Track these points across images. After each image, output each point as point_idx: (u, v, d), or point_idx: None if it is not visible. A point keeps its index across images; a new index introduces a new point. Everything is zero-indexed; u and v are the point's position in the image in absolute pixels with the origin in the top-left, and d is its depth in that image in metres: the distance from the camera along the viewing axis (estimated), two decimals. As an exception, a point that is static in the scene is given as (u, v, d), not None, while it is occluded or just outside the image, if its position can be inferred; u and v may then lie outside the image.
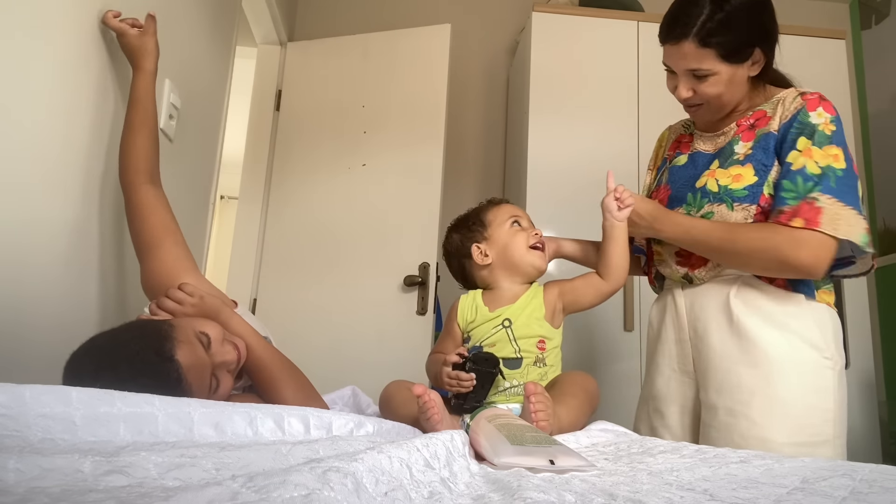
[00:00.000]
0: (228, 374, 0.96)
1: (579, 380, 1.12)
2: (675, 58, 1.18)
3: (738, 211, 1.15)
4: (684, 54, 1.16)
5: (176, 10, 1.50)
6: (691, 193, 1.22)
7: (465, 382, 1.04)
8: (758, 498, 0.55)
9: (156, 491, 0.43)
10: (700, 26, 1.13)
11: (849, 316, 2.29)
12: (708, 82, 1.16)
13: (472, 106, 2.89)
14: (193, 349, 0.87)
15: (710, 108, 1.21)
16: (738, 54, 1.15)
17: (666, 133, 1.46)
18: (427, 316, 2.32)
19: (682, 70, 1.18)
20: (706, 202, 1.19)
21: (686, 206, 1.22)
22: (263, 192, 2.57)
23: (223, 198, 4.64)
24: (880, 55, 2.85)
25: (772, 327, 1.13)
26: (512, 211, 1.30)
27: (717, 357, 1.17)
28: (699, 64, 1.15)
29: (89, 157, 1.18)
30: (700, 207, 1.19)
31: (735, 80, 1.18)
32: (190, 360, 0.85)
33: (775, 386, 1.10)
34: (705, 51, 1.14)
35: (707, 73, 1.15)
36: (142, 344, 0.83)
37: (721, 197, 1.17)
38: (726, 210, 1.16)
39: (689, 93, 1.19)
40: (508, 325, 1.18)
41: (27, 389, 0.56)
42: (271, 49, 2.70)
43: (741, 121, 1.23)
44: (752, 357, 1.13)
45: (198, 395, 0.86)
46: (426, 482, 0.57)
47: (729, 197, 1.16)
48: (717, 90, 1.17)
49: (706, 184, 1.20)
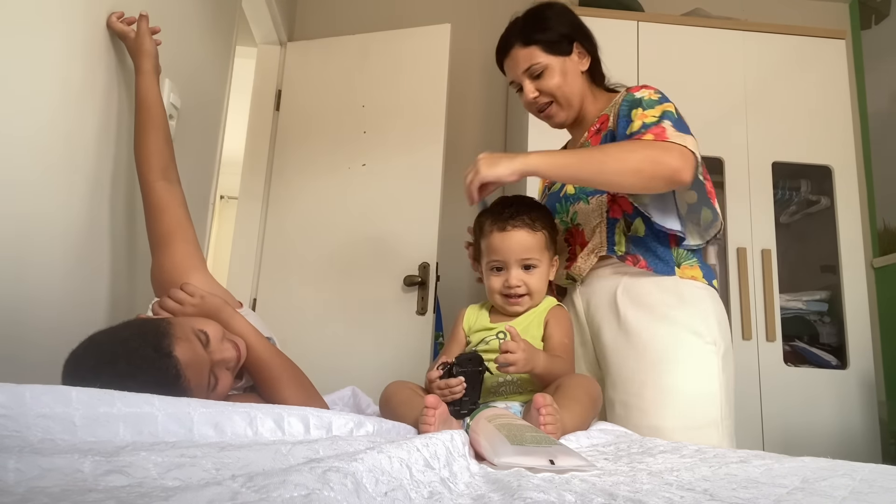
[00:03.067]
0: (227, 372, 0.96)
1: (583, 384, 1.12)
2: (511, 68, 1.34)
3: (592, 203, 1.29)
4: (516, 59, 1.32)
5: (176, 11, 1.50)
6: (559, 203, 1.36)
7: (456, 388, 1.04)
8: (758, 498, 0.55)
9: (156, 491, 0.43)
10: (519, 32, 1.32)
11: (848, 316, 2.29)
12: (545, 77, 1.31)
13: (472, 106, 2.89)
14: (192, 346, 0.88)
15: (559, 103, 1.33)
16: (560, 46, 1.31)
17: None
18: (427, 316, 2.32)
19: (520, 74, 1.33)
20: (569, 205, 1.33)
21: (558, 216, 1.35)
22: (263, 192, 2.57)
23: (223, 198, 4.64)
24: (880, 55, 2.85)
25: (655, 320, 1.21)
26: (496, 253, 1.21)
27: (611, 353, 1.24)
28: (529, 61, 1.31)
29: (98, 155, 1.18)
30: (567, 211, 1.34)
31: (567, 71, 1.32)
32: (188, 356, 0.85)
33: (662, 375, 1.18)
34: (530, 48, 1.31)
35: (540, 67, 1.30)
36: (140, 341, 0.83)
37: (577, 196, 1.32)
38: (584, 205, 1.30)
39: (535, 92, 1.32)
40: (503, 338, 1.19)
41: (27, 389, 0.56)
42: (271, 49, 2.69)
43: (590, 128, 1.36)
44: (639, 351, 1.20)
45: (196, 392, 0.86)
46: (426, 482, 0.57)
47: (584, 194, 1.31)
48: (555, 81, 1.31)
49: (565, 191, 1.35)
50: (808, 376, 2.24)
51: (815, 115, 2.42)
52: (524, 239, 1.19)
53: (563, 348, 1.17)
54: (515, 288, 1.19)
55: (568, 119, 1.36)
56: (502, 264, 1.21)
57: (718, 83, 2.38)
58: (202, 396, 0.88)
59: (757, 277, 2.27)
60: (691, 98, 2.38)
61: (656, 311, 1.21)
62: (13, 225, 0.98)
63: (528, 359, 1.04)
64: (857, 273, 2.33)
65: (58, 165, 1.09)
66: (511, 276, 1.19)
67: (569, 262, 1.34)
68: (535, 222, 1.21)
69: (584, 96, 1.35)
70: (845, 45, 2.50)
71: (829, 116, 2.42)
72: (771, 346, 2.23)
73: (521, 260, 1.19)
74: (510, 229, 1.19)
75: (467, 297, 2.60)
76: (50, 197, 1.07)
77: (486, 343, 1.20)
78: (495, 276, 1.22)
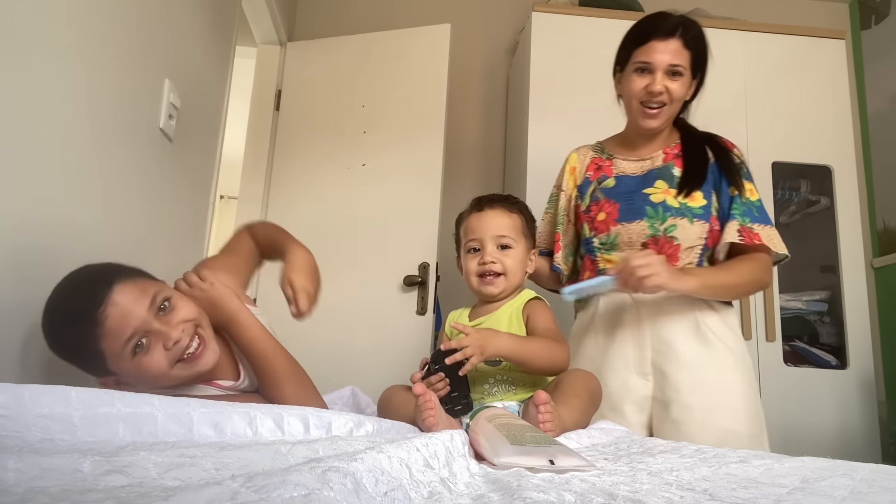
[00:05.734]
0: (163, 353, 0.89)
1: (583, 379, 1.12)
2: (660, 52, 1.32)
3: (696, 225, 1.34)
4: (670, 49, 1.32)
5: (176, 10, 1.50)
6: (650, 208, 1.36)
7: (438, 384, 1.04)
8: (758, 498, 0.55)
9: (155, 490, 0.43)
10: (684, 30, 1.33)
11: (848, 316, 2.29)
12: (679, 82, 1.33)
13: (472, 106, 2.89)
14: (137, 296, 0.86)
15: (670, 111, 1.36)
16: (697, 68, 1.37)
17: (575, 156, 1.54)
18: (427, 316, 2.32)
19: (664, 65, 1.32)
20: (669, 216, 1.34)
21: (648, 219, 1.35)
22: (263, 192, 2.57)
23: (223, 198, 4.63)
24: (880, 55, 2.85)
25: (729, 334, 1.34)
26: (473, 232, 1.23)
27: (689, 361, 1.31)
28: (679, 60, 1.32)
29: (99, 155, 1.18)
30: (664, 220, 1.34)
31: (687, 90, 1.37)
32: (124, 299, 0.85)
33: (736, 385, 1.30)
34: (686, 52, 1.33)
35: (682, 70, 1.33)
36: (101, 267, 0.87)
37: (682, 212, 1.34)
38: (688, 223, 1.33)
39: (664, 88, 1.32)
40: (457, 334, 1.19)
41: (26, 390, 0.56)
42: (271, 49, 2.69)
43: (667, 149, 1.42)
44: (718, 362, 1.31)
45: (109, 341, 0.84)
46: (426, 482, 0.57)
47: (689, 213, 1.34)
48: (682, 92, 1.35)
49: (665, 200, 1.35)
50: (808, 376, 2.24)
51: (815, 115, 2.42)
52: (500, 217, 1.22)
53: (550, 332, 1.17)
54: (490, 265, 1.20)
55: (660, 127, 1.39)
56: (478, 244, 1.22)
57: (718, 83, 2.36)
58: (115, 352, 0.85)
59: (757, 277, 2.27)
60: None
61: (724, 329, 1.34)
62: (14, 226, 0.98)
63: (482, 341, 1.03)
64: (856, 273, 2.33)
65: (58, 165, 1.09)
66: (486, 253, 1.21)
67: None
68: (512, 206, 1.25)
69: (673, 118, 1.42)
70: (845, 45, 2.50)
71: (829, 116, 2.42)
72: (771, 346, 2.23)
73: (497, 237, 1.21)
74: (487, 209, 1.23)
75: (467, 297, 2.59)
76: (50, 197, 1.07)
77: None
78: (472, 257, 1.23)
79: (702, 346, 1.31)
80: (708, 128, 1.49)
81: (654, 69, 1.32)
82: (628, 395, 1.33)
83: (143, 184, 1.40)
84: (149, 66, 1.39)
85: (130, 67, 1.30)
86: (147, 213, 1.43)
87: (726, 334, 1.33)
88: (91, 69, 1.17)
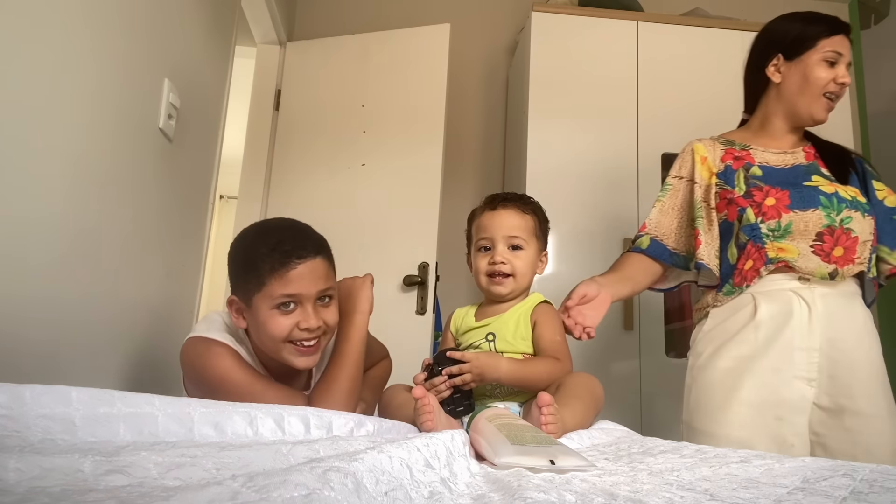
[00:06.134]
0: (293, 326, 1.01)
1: (585, 382, 1.12)
2: (847, 48, 1.35)
3: (867, 219, 1.30)
4: (847, 47, 1.35)
5: (175, 10, 1.50)
6: (824, 197, 1.30)
7: (441, 386, 1.04)
8: (758, 498, 0.55)
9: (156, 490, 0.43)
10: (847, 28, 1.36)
11: (848, 316, 2.29)
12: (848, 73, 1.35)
13: (472, 106, 2.89)
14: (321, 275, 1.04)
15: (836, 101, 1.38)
16: None
17: (700, 146, 1.45)
18: (426, 316, 2.32)
19: (846, 59, 1.34)
20: (844, 207, 1.30)
21: (823, 209, 1.30)
22: (263, 192, 2.57)
23: (223, 197, 4.63)
24: (880, 55, 2.85)
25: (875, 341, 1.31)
26: (485, 230, 1.23)
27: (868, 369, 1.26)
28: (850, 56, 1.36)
29: (101, 156, 1.18)
30: (840, 211, 1.30)
31: None
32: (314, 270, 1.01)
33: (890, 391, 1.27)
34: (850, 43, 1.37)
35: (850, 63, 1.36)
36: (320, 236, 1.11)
37: (855, 205, 1.30)
38: (861, 216, 1.30)
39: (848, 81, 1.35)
40: (492, 340, 1.19)
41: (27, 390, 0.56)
42: (271, 49, 2.69)
43: (805, 148, 1.41)
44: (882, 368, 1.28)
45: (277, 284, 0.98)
46: (426, 482, 0.57)
47: (861, 206, 1.30)
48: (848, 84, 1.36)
49: (837, 191, 1.31)
50: (808, 376, 2.24)
51: (815, 115, 2.41)
52: (513, 217, 1.21)
53: (556, 347, 1.16)
54: (500, 265, 1.19)
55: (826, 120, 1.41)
56: (489, 242, 1.22)
57: (718, 83, 2.38)
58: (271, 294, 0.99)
59: (757, 277, 2.27)
60: (691, 98, 2.39)
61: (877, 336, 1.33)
62: (13, 226, 0.98)
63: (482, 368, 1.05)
64: (856, 273, 2.32)
65: (59, 166, 1.09)
66: (497, 253, 1.20)
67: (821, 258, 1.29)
68: (526, 206, 1.23)
69: None
70: (845, 45, 2.50)
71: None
72: (771, 346, 2.23)
73: (508, 238, 1.20)
74: (500, 208, 1.22)
75: (467, 297, 2.60)
76: (50, 197, 1.07)
77: (476, 347, 1.19)
78: (482, 255, 1.23)
79: (873, 351, 1.29)
80: (708, 127, 1.49)
81: (841, 63, 1.33)
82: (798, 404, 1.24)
83: (142, 184, 1.40)
84: (149, 66, 1.39)
85: (130, 67, 1.30)
86: (147, 212, 1.43)
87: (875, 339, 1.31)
88: (90, 69, 1.17)
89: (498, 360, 1.09)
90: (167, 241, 1.55)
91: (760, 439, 1.22)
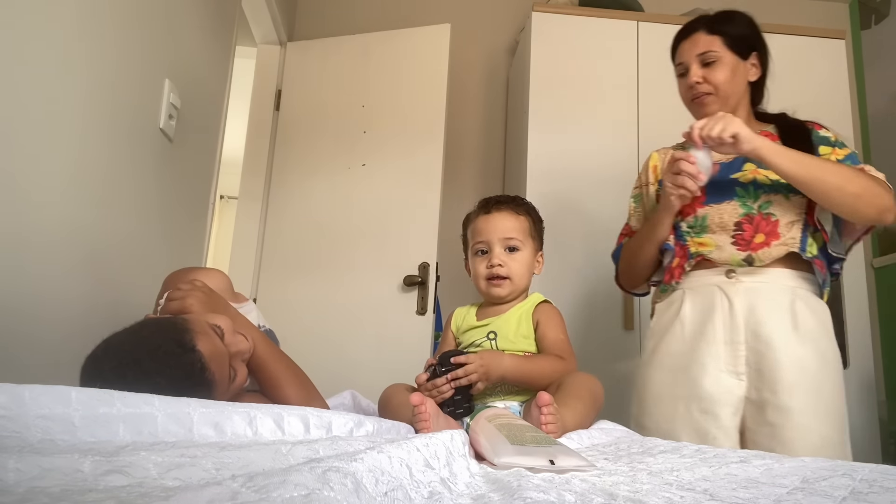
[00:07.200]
0: (243, 364, 0.97)
1: (585, 382, 1.12)
2: (687, 50, 1.38)
3: (792, 200, 1.29)
4: (696, 42, 1.36)
5: (176, 10, 1.50)
6: (740, 188, 1.32)
7: (444, 387, 1.04)
8: (758, 498, 0.55)
9: (156, 490, 0.43)
10: (707, 21, 1.37)
11: (848, 316, 2.29)
12: (716, 68, 1.34)
13: (472, 106, 2.89)
14: (211, 339, 0.88)
15: (718, 96, 1.34)
16: (740, 46, 1.35)
17: (655, 155, 1.52)
18: (427, 316, 2.32)
19: (693, 57, 1.36)
20: (761, 193, 1.31)
21: (738, 199, 1.31)
22: (263, 192, 2.57)
23: (223, 198, 4.64)
24: (880, 55, 2.85)
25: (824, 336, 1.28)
26: (480, 234, 1.24)
27: (788, 362, 1.23)
28: (707, 47, 1.34)
29: (103, 158, 1.18)
30: (756, 198, 1.31)
31: (737, 72, 1.35)
32: (210, 349, 0.86)
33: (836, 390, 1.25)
34: (713, 37, 1.35)
35: (714, 56, 1.34)
36: (162, 338, 0.84)
37: (776, 188, 1.30)
38: (783, 198, 1.29)
39: (700, 78, 1.34)
40: (493, 338, 1.19)
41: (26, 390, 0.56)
42: (271, 49, 2.69)
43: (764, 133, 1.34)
44: (817, 364, 1.25)
45: (220, 385, 0.87)
46: (426, 482, 0.57)
47: (784, 188, 1.29)
48: (724, 75, 1.33)
49: (755, 178, 1.31)
50: (808, 376, 2.24)
51: (815, 115, 2.39)
52: (507, 219, 1.22)
53: (560, 345, 1.17)
54: (497, 267, 1.20)
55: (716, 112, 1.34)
56: (486, 246, 1.23)
57: (718, 83, 2.38)
58: (224, 389, 0.90)
59: (757, 277, 2.27)
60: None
61: (822, 330, 1.29)
62: (14, 226, 0.98)
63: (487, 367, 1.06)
64: (856, 273, 2.33)
65: (59, 166, 1.09)
66: (493, 255, 1.21)
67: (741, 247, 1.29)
68: (520, 207, 1.25)
69: (740, 105, 1.38)
70: (845, 45, 2.50)
71: (829, 116, 2.38)
72: (771, 346, 2.23)
73: (504, 240, 1.21)
74: (494, 211, 1.24)
75: (467, 296, 2.59)
76: (50, 196, 1.07)
77: (478, 345, 1.20)
78: (480, 259, 1.24)
79: (800, 345, 1.24)
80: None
81: (688, 65, 1.36)
82: (722, 397, 1.25)
83: (142, 184, 1.40)
84: (149, 66, 1.39)
85: (130, 67, 1.30)
86: (147, 213, 1.43)
87: (821, 333, 1.27)
88: (91, 69, 1.17)
89: (501, 357, 1.10)
90: (167, 241, 1.55)
91: (684, 431, 1.26)
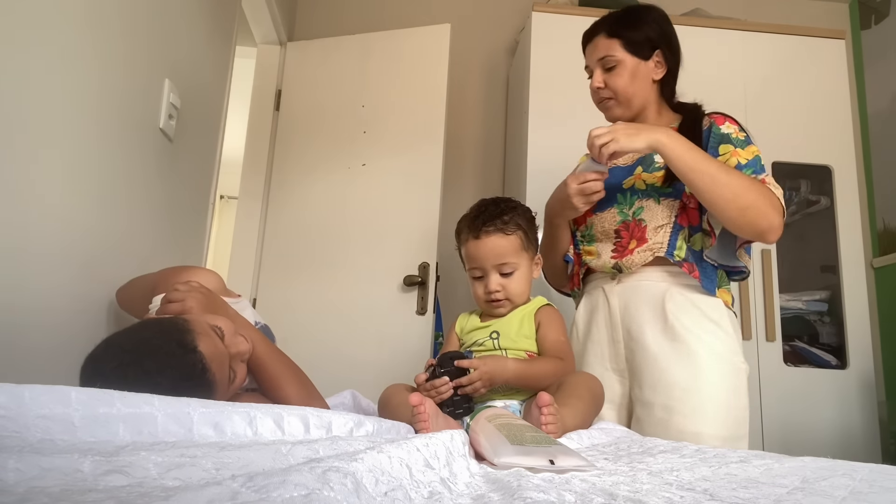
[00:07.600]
0: (242, 365, 0.97)
1: (585, 381, 1.12)
2: (590, 54, 1.38)
3: (662, 204, 1.31)
4: (596, 46, 1.36)
5: (176, 10, 1.50)
6: (620, 194, 1.36)
7: (442, 388, 1.04)
8: (758, 498, 0.55)
9: (155, 490, 0.43)
10: (609, 23, 1.36)
11: (848, 316, 2.29)
12: (615, 73, 1.34)
13: (472, 106, 2.89)
14: (212, 340, 0.89)
15: (619, 101, 1.35)
16: (640, 48, 1.34)
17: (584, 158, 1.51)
18: (427, 316, 2.32)
19: (594, 62, 1.36)
20: (635, 199, 1.33)
21: (617, 206, 1.36)
22: (263, 192, 2.57)
23: (223, 197, 4.64)
24: (880, 55, 2.85)
25: (701, 332, 1.25)
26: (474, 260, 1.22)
27: (653, 357, 1.26)
28: (606, 52, 1.34)
29: (103, 159, 1.18)
30: (631, 204, 1.34)
31: (639, 74, 1.34)
32: (211, 350, 0.87)
33: (706, 385, 1.23)
34: (612, 41, 1.34)
35: (613, 61, 1.34)
36: (163, 339, 0.84)
37: (649, 193, 1.32)
38: (653, 203, 1.31)
39: (601, 83, 1.35)
40: (496, 337, 1.20)
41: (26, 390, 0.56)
42: (271, 49, 2.69)
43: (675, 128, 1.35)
44: (685, 358, 1.24)
45: (220, 385, 0.88)
46: (426, 482, 0.57)
47: (656, 193, 1.32)
48: (623, 80, 1.33)
49: (634, 184, 1.34)
50: (808, 376, 2.24)
51: (815, 115, 2.42)
52: (498, 244, 1.20)
53: (560, 347, 1.18)
54: (495, 293, 1.21)
55: (623, 117, 1.38)
56: (481, 272, 1.23)
57: (718, 83, 2.38)
58: (224, 390, 0.90)
59: (757, 277, 2.27)
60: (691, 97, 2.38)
61: (702, 325, 1.26)
62: (14, 226, 0.98)
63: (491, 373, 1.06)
64: (856, 273, 2.33)
65: (59, 166, 1.09)
66: (490, 282, 1.21)
67: (618, 254, 1.34)
68: (508, 225, 1.21)
69: (647, 103, 1.37)
70: (845, 45, 2.50)
71: (829, 116, 2.42)
72: (771, 346, 2.23)
73: (498, 266, 1.21)
74: (483, 236, 1.20)
75: (467, 296, 2.59)
76: (50, 197, 1.07)
77: (480, 344, 1.20)
78: (478, 283, 1.25)
79: (668, 342, 1.25)
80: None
81: (592, 69, 1.38)
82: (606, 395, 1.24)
83: (143, 184, 1.40)
84: (149, 66, 1.39)
85: (130, 67, 1.30)
86: (147, 213, 1.43)
87: (705, 330, 1.25)
88: (91, 69, 1.17)
89: (505, 362, 1.11)
90: (167, 241, 1.55)
91: None
